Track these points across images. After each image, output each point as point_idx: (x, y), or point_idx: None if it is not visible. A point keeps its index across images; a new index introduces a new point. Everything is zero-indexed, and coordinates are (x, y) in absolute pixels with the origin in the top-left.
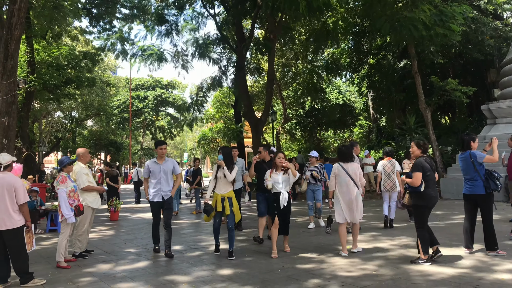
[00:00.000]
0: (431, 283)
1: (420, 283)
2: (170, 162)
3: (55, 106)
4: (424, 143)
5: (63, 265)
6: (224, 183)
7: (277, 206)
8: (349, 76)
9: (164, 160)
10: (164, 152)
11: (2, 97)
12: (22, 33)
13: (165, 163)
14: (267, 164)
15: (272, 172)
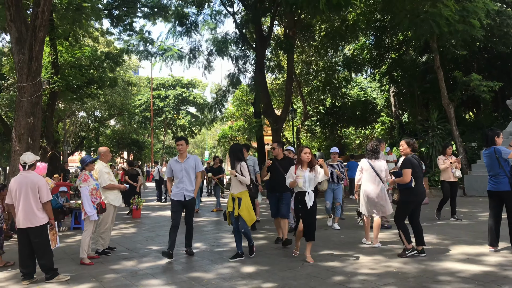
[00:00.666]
0: (455, 281)
1: (444, 281)
2: (192, 160)
3: (78, 106)
4: (413, 142)
5: (87, 261)
6: (236, 183)
7: (302, 207)
8: (370, 72)
9: (185, 158)
10: (182, 149)
11: (27, 98)
12: (46, 35)
13: (186, 160)
14: (280, 162)
15: (297, 169)
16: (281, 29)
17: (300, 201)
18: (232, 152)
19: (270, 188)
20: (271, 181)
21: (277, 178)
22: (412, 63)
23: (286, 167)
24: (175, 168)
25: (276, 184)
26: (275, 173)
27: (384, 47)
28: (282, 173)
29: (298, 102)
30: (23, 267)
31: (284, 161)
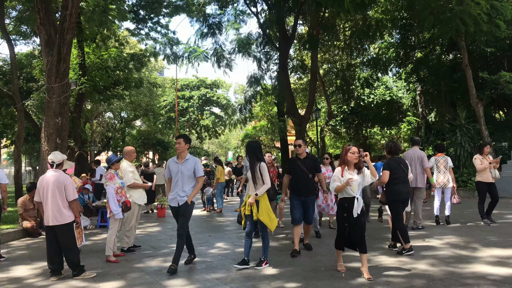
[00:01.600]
0: (485, 283)
1: (471, 284)
2: (191, 162)
3: (105, 107)
4: (390, 145)
5: (112, 259)
6: (253, 184)
7: (347, 216)
8: (396, 71)
9: (184, 159)
10: (180, 148)
11: (56, 98)
12: (74, 37)
13: (185, 162)
14: (303, 162)
15: (343, 171)
16: (305, 28)
17: (346, 209)
18: (250, 150)
19: (292, 191)
20: (293, 183)
21: (302, 179)
22: (439, 61)
23: (310, 167)
24: (172, 169)
25: (300, 186)
26: (298, 174)
27: (410, 45)
28: (306, 174)
29: (322, 102)
30: (51, 264)
31: (308, 160)
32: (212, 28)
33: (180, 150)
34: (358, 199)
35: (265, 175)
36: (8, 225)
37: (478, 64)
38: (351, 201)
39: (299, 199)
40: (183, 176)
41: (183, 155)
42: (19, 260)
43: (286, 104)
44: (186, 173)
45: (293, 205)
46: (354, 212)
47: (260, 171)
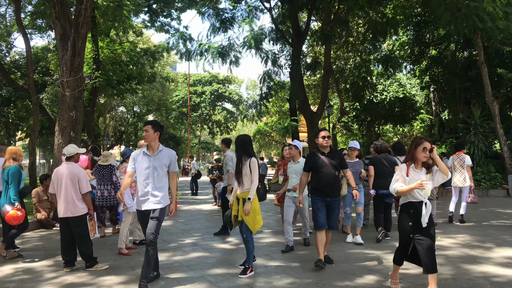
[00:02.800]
0: (494, 284)
1: (482, 284)
2: (165, 154)
3: (118, 101)
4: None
5: (125, 252)
6: (240, 180)
7: (414, 224)
8: (410, 68)
9: (157, 151)
10: (148, 137)
11: (70, 92)
12: (88, 32)
13: (158, 155)
14: (329, 156)
15: (409, 170)
16: (318, 24)
17: (413, 216)
18: (240, 144)
19: (315, 191)
20: (316, 182)
21: (327, 178)
22: (453, 58)
23: (336, 162)
24: (140, 163)
25: (325, 186)
26: (323, 171)
27: (424, 42)
28: (332, 171)
29: (335, 98)
30: (64, 255)
31: (333, 155)
32: (225, 23)
33: (148, 139)
34: (426, 204)
35: (255, 173)
36: None
37: (494, 62)
38: (418, 207)
39: (323, 201)
40: (156, 172)
41: (154, 146)
42: (33, 251)
43: (298, 100)
44: (160, 169)
45: (316, 208)
46: (423, 221)
47: (250, 168)
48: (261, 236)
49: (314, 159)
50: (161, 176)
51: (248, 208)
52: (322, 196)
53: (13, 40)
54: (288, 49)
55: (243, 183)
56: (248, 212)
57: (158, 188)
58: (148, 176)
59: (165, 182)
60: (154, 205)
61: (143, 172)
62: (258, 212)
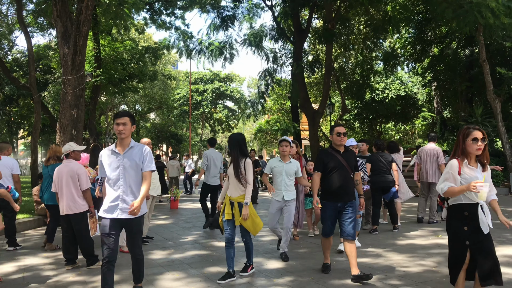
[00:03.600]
0: None
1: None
2: (137, 151)
3: (120, 100)
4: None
5: (125, 249)
6: (235, 183)
7: (469, 230)
8: (411, 66)
9: (128, 147)
10: (125, 131)
11: (71, 90)
12: (89, 30)
13: (129, 152)
14: (344, 156)
15: (461, 166)
16: (320, 22)
17: (468, 219)
18: (233, 144)
19: (327, 194)
20: (328, 184)
21: (342, 179)
22: (455, 56)
23: (351, 163)
24: (109, 164)
25: (339, 189)
26: (338, 172)
27: (426, 40)
28: (348, 173)
29: (336, 96)
30: (66, 253)
31: (349, 154)
32: (226, 21)
33: (125, 133)
34: (483, 207)
35: (250, 174)
36: (24, 214)
37: (496, 60)
38: (473, 209)
39: (334, 205)
40: (127, 173)
41: (125, 142)
42: (34, 249)
43: (300, 98)
44: (131, 169)
45: (325, 216)
46: (482, 226)
47: (244, 169)
48: (261, 234)
49: (328, 158)
50: (133, 178)
51: (246, 214)
52: (334, 201)
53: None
54: (289, 47)
55: (237, 185)
56: (247, 218)
57: (131, 192)
58: (118, 178)
59: (140, 186)
60: (124, 214)
61: (112, 174)
62: (256, 215)
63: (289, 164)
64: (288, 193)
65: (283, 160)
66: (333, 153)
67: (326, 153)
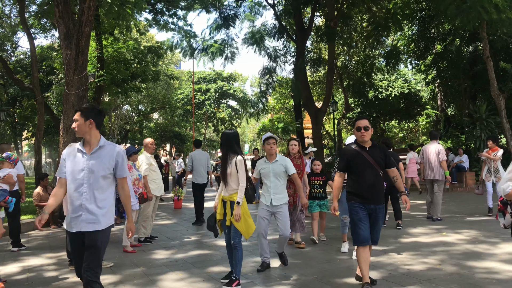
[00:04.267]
0: (488, 282)
1: (487, 280)
2: (107, 152)
3: (123, 100)
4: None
5: (129, 249)
6: (228, 182)
7: None
8: (414, 64)
9: (96, 147)
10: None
11: (74, 91)
12: (92, 30)
13: (97, 152)
14: (371, 152)
15: None
16: (322, 20)
17: None
18: (224, 140)
19: (354, 196)
20: (356, 184)
21: (370, 178)
22: (458, 53)
23: (379, 160)
24: (72, 165)
25: (367, 189)
26: (365, 171)
27: (429, 37)
28: (376, 171)
29: (340, 94)
30: (69, 253)
31: (376, 150)
32: (227, 20)
33: (79, 131)
34: None
35: (242, 172)
36: (28, 215)
37: (500, 56)
38: None
39: (365, 208)
40: (93, 177)
41: (91, 140)
42: (38, 249)
43: (303, 96)
44: (99, 172)
45: (357, 218)
46: None
47: (236, 167)
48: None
49: (352, 155)
50: (101, 184)
51: (238, 213)
52: (364, 203)
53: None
54: (291, 46)
55: (229, 183)
56: (239, 218)
57: (97, 200)
58: (81, 183)
59: (108, 193)
60: (88, 225)
61: (76, 177)
62: (249, 215)
63: (275, 163)
64: (277, 196)
65: (269, 159)
66: (357, 149)
67: (349, 150)
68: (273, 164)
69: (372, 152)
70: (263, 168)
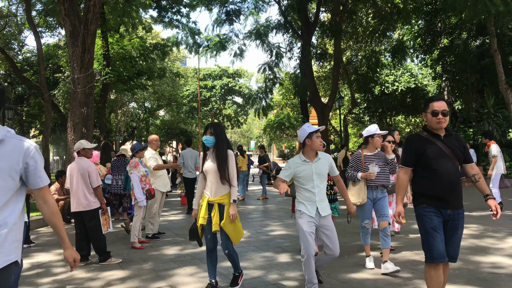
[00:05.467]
0: (492, 277)
1: (495, 274)
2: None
3: (129, 97)
4: None
5: (137, 246)
6: (215, 181)
7: None
8: (421, 58)
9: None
10: None
11: (81, 89)
12: (97, 28)
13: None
14: (447, 141)
15: None
16: (327, 15)
17: None
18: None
19: (427, 199)
20: (429, 182)
21: (448, 176)
22: (465, 47)
23: (459, 152)
24: None
25: (445, 190)
26: (440, 166)
27: (436, 31)
28: (455, 165)
29: (346, 90)
30: (78, 249)
31: (452, 138)
32: (231, 15)
33: None
34: None
35: (233, 168)
36: (37, 212)
37: (507, 50)
38: None
39: (441, 215)
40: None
41: None
42: (47, 246)
43: (309, 92)
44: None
45: (431, 226)
46: None
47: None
48: (272, 228)
49: (423, 146)
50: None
51: (235, 214)
52: (440, 207)
53: (24, 39)
54: (295, 41)
55: (213, 184)
56: (235, 218)
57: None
58: None
59: (11, 207)
60: None
61: None
62: (238, 219)
63: (318, 162)
64: (324, 205)
65: (309, 158)
66: (429, 138)
67: (419, 138)
68: (316, 164)
69: (449, 142)
70: (302, 170)
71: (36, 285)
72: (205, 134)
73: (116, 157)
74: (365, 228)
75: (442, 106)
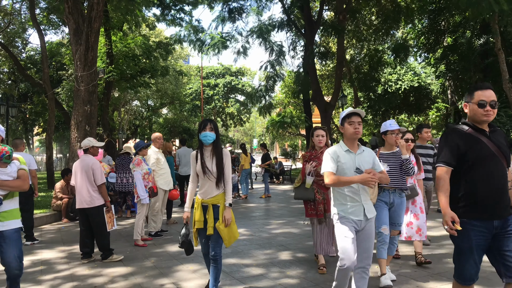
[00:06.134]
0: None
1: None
2: None
3: (132, 95)
4: None
5: (140, 243)
6: (207, 181)
7: None
8: (424, 57)
9: None
10: None
11: (84, 87)
12: (101, 26)
13: None
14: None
15: None
16: (331, 13)
17: None
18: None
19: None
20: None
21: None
22: (469, 45)
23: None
24: None
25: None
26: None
27: (439, 30)
28: (503, 167)
29: (349, 88)
30: (82, 246)
31: (497, 134)
32: (233, 12)
33: None
34: None
35: (228, 168)
36: (41, 209)
37: (511, 48)
38: None
39: (485, 226)
40: None
41: None
42: (51, 243)
43: (312, 90)
44: None
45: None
46: None
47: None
48: (274, 226)
49: (468, 144)
50: None
51: (229, 218)
52: (486, 218)
53: (28, 37)
54: (298, 39)
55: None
56: (230, 222)
57: None
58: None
59: None
60: None
61: None
62: (233, 221)
63: (362, 154)
64: (369, 205)
65: (351, 148)
66: (473, 134)
67: (461, 133)
68: (359, 156)
69: (495, 139)
70: (345, 163)
71: (40, 282)
72: (204, 130)
73: (120, 155)
74: (381, 236)
75: (491, 96)
